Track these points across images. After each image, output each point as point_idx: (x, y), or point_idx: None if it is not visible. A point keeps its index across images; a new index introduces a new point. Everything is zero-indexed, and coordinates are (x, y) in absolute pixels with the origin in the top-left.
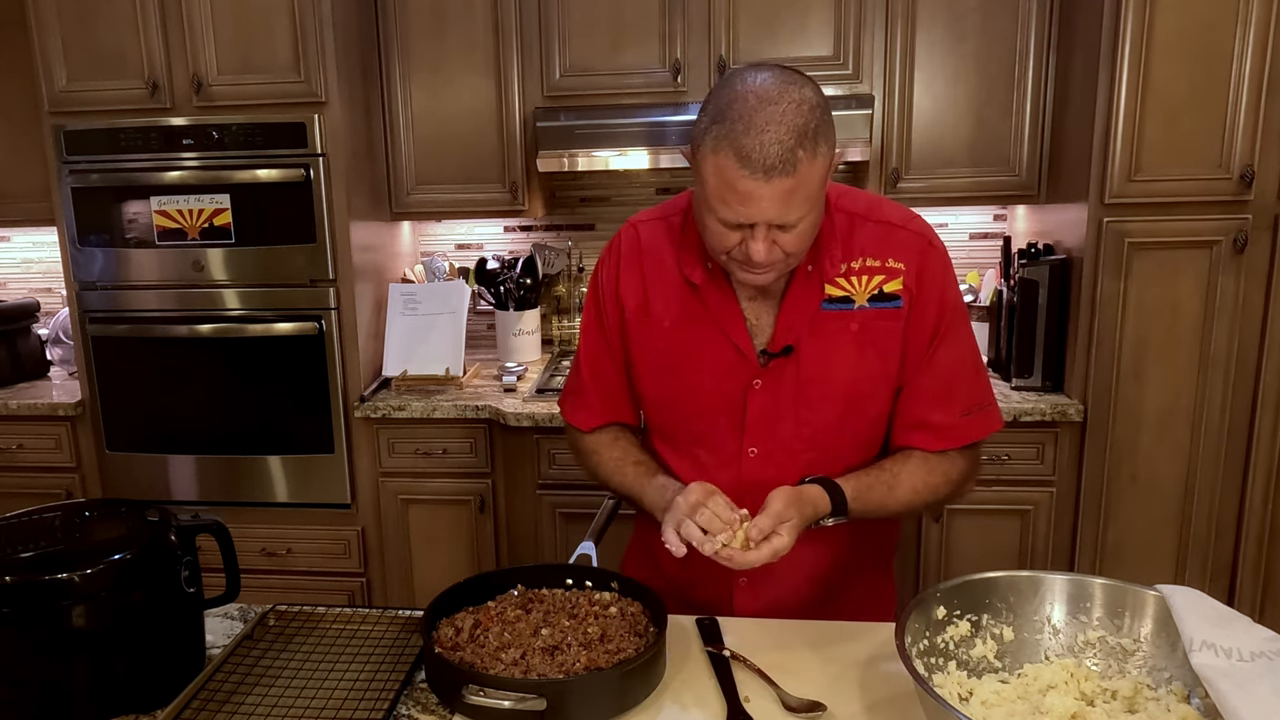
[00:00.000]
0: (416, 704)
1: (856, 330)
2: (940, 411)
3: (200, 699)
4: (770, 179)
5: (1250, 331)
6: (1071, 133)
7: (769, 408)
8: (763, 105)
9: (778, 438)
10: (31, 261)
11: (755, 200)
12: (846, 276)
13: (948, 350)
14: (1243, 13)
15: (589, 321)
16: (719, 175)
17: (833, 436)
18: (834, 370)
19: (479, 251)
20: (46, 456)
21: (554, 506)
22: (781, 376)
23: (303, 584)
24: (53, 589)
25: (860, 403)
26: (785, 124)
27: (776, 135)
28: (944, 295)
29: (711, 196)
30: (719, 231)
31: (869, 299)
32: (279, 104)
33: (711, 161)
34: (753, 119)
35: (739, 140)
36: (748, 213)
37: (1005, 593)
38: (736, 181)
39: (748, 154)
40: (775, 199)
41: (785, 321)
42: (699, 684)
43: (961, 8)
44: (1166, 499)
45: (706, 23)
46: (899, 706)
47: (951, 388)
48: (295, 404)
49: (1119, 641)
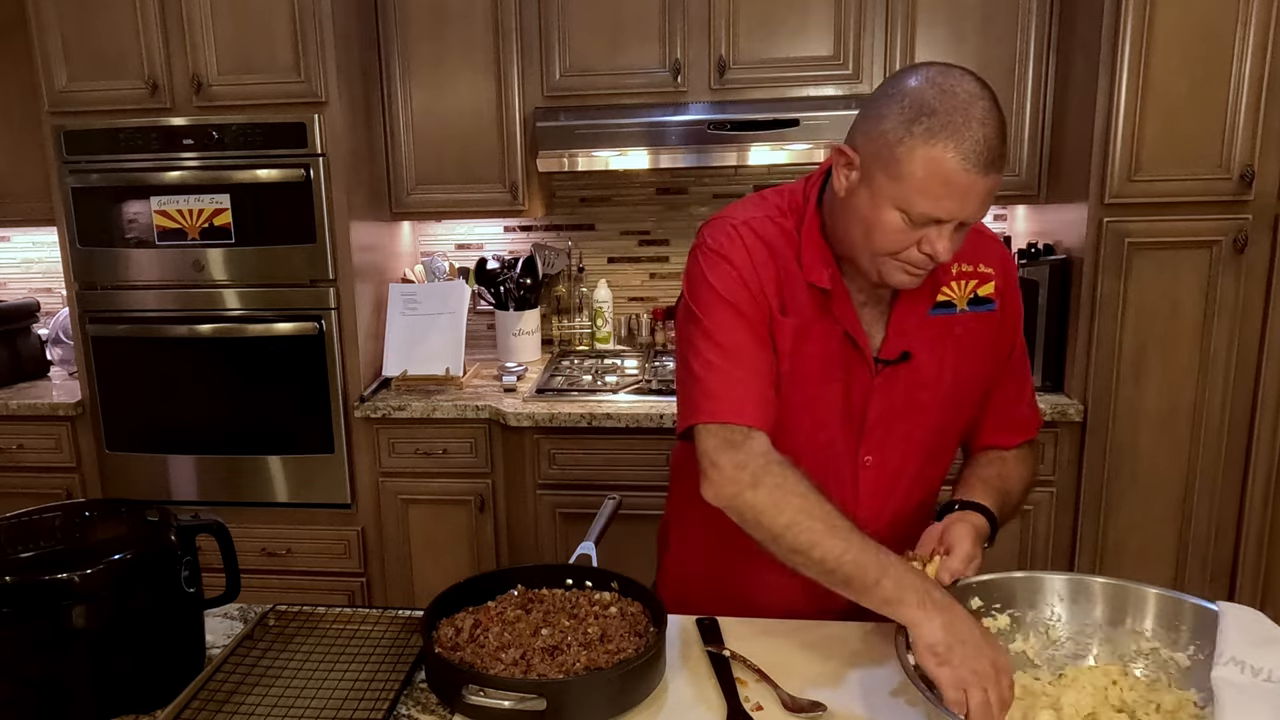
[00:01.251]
0: (416, 704)
1: (960, 334)
2: (1020, 405)
3: (200, 699)
4: (986, 174)
5: (1250, 331)
6: (1071, 133)
7: (884, 414)
8: (974, 100)
9: (892, 444)
10: (31, 261)
11: (966, 195)
12: (947, 281)
13: (1020, 351)
14: (1243, 13)
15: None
16: (931, 167)
17: (937, 442)
18: (942, 374)
19: (479, 251)
20: (46, 456)
21: (554, 506)
22: (894, 383)
23: (303, 584)
24: (53, 589)
25: (961, 406)
26: (995, 121)
27: (993, 130)
28: (1019, 300)
29: (915, 191)
30: (900, 230)
31: (968, 303)
32: (279, 104)
33: (923, 154)
34: (970, 113)
35: (959, 133)
36: (954, 208)
37: (1054, 593)
38: (954, 175)
39: (970, 148)
40: (983, 195)
41: (897, 328)
42: (699, 684)
43: (961, 8)
44: (1166, 499)
45: (706, 23)
46: (900, 707)
47: (1024, 383)
48: (295, 404)
49: (1173, 655)
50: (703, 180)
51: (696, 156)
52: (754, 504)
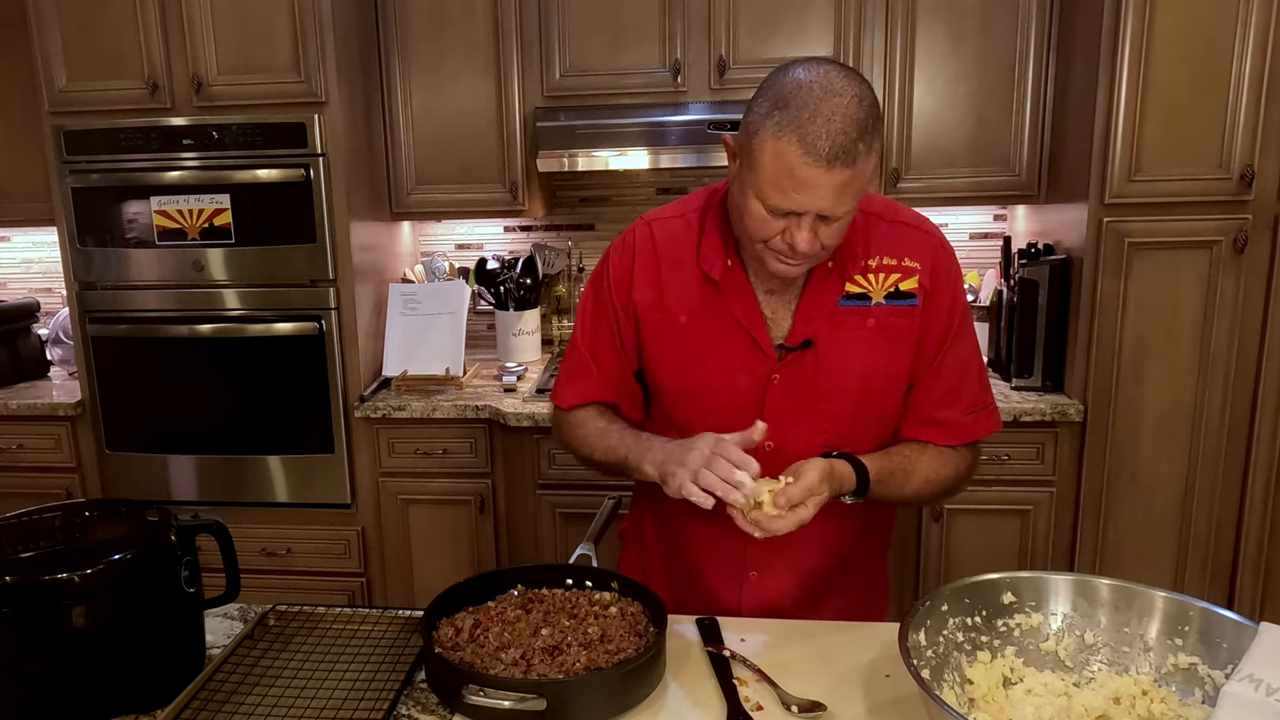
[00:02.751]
0: (416, 704)
1: (873, 326)
2: (948, 409)
3: (200, 699)
4: (831, 169)
5: (1250, 331)
6: (1071, 133)
7: (787, 402)
8: (828, 96)
9: (795, 432)
10: (31, 261)
11: (813, 188)
12: (864, 274)
13: (956, 351)
14: (1243, 13)
15: (587, 311)
16: (778, 161)
17: (848, 432)
18: (850, 365)
19: (479, 251)
20: (46, 456)
21: (554, 506)
22: (799, 371)
23: (303, 584)
24: (53, 589)
25: (875, 398)
26: (849, 116)
27: (841, 126)
28: (955, 297)
29: (765, 182)
30: (763, 219)
31: (885, 296)
32: (279, 104)
33: (771, 147)
34: (818, 108)
35: (804, 127)
36: (803, 201)
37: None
38: (797, 168)
39: (812, 142)
40: (832, 189)
41: (803, 316)
42: (699, 684)
43: (961, 8)
44: (1166, 499)
45: (706, 23)
46: (902, 707)
47: (959, 387)
48: (295, 404)
49: (1210, 673)
50: (702, 180)
51: (696, 156)
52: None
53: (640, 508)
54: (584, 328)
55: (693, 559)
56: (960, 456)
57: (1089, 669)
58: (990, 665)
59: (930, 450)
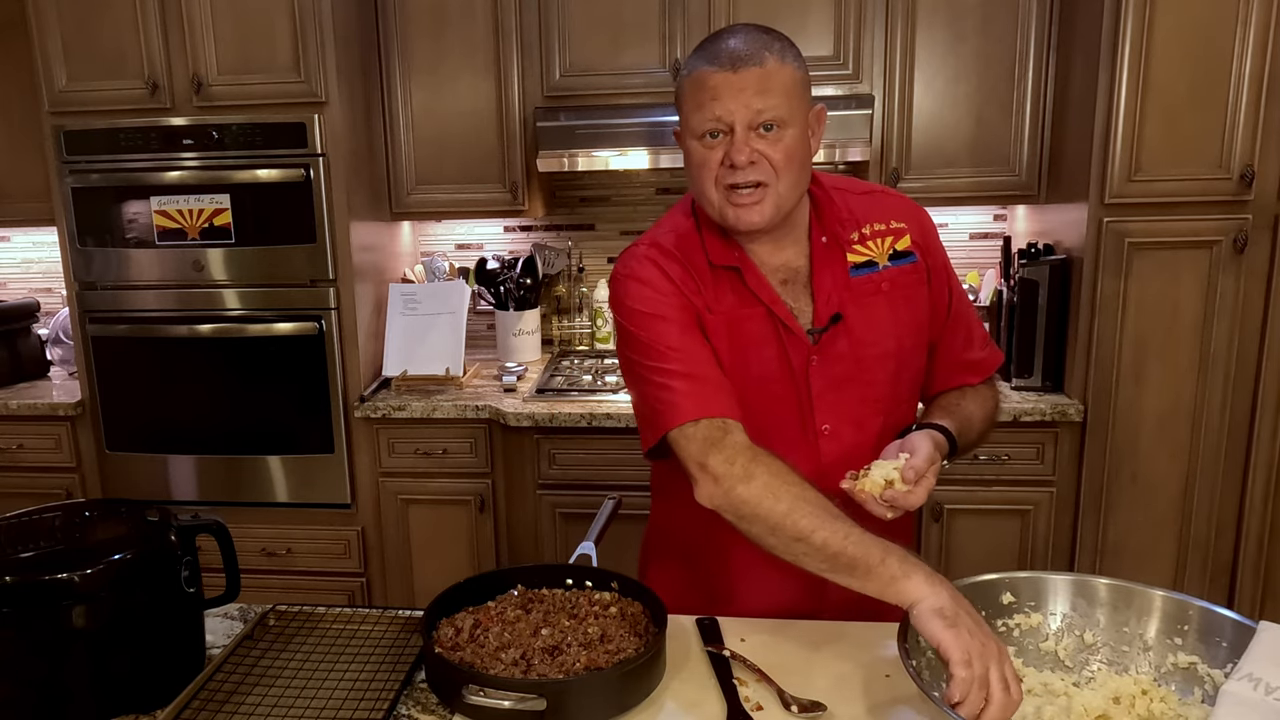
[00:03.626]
0: (416, 704)
1: (888, 289)
2: (973, 350)
3: (200, 699)
4: (738, 69)
5: (1250, 331)
6: (1071, 133)
7: (830, 381)
8: (735, 29)
9: (844, 409)
10: (31, 261)
11: (727, 93)
12: (862, 242)
13: (959, 297)
14: (1243, 13)
15: (659, 329)
16: (692, 85)
17: (892, 397)
18: (880, 329)
19: (479, 251)
20: (46, 456)
21: (554, 506)
22: (835, 348)
23: (303, 584)
24: (53, 589)
25: (907, 359)
26: (750, 33)
27: (743, 39)
28: (941, 247)
29: (690, 113)
30: (703, 154)
31: (889, 258)
32: (279, 104)
33: (687, 84)
34: (721, 35)
35: (706, 49)
36: (722, 108)
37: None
38: (707, 80)
39: (714, 54)
40: (746, 88)
41: (823, 295)
42: (699, 684)
43: (961, 8)
44: (1166, 499)
45: (706, 23)
46: (902, 707)
47: (972, 328)
48: (295, 404)
49: (1209, 672)
50: None
51: None
52: (748, 498)
53: (662, 510)
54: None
55: (725, 561)
56: (990, 389)
57: (1089, 669)
58: None
59: (969, 392)
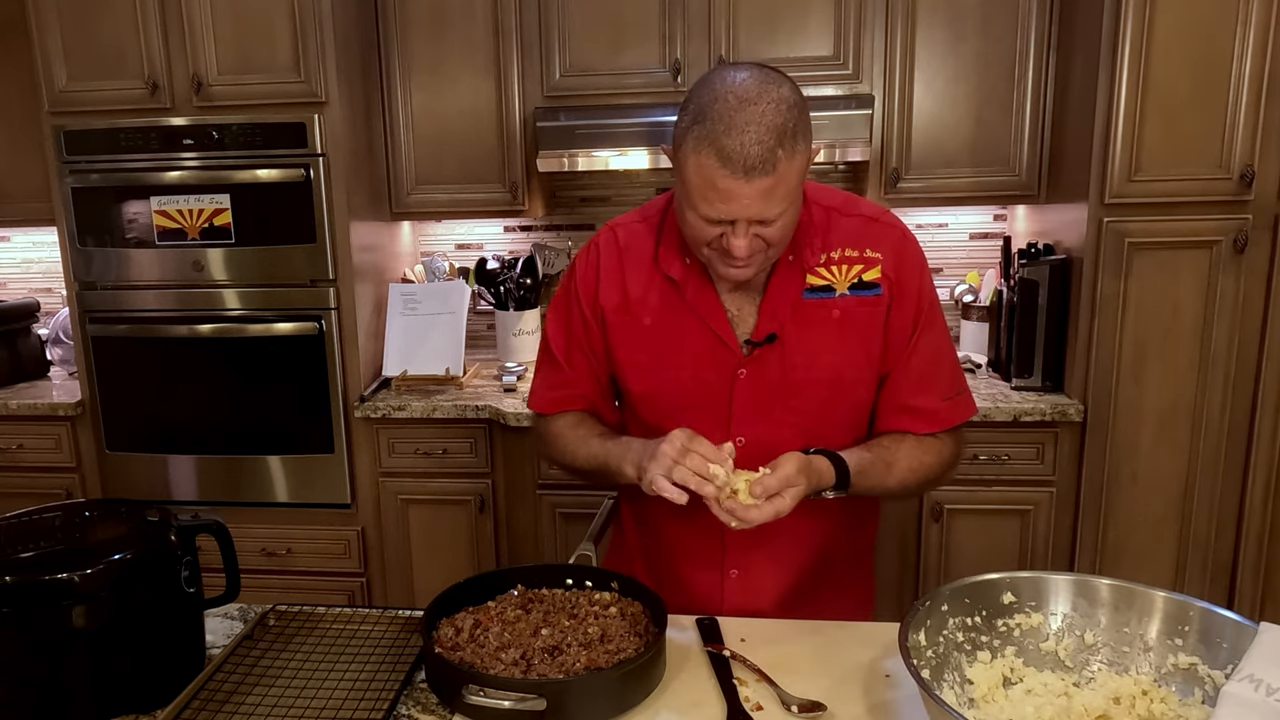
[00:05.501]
0: (416, 704)
1: (839, 317)
2: (924, 396)
3: (200, 699)
4: (751, 179)
5: (1250, 331)
6: (1071, 133)
7: (755, 397)
8: (743, 106)
9: (766, 426)
10: (31, 261)
11: (736, 198)
12: (827, 266)
13: (928, 339)
14: (1243, 13)
15: (558, 319)
16: (700, 174)
17: (820, 423)
18: (818, 356)
19: (479, 251)
20: (46, 456)
21: (554, 506)
22: (766, 365)
23: (303, 584)
24: (53, 589)
25: (845, 389)
26: (765, 124)
27: (757, 135)
28: (921, 285)
29: (693, 194)
30: (700, 226)
31: (849, 287)
32: (279, 104)
33: (693, 161)
34: (733, 119)
35: (720, 140)
36: (729, 210)
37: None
38: (717, 180)
39: (729, 154)
40: (755, 197)
41: (768, 310)
42: (699, 684)
43: (961, 8)
44: (1166, 499)
45: (706, 23)
46: (902, 707)
47: (934, 374)
48: (295, 404)
49: (1210, 673)
50: None
51: None
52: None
53: (623, 509)
54: (556, 334)
55: (673, 558)
56: (941, 444)
57: (1089, 669)
58: (990, 665)
59: (910, 440)
